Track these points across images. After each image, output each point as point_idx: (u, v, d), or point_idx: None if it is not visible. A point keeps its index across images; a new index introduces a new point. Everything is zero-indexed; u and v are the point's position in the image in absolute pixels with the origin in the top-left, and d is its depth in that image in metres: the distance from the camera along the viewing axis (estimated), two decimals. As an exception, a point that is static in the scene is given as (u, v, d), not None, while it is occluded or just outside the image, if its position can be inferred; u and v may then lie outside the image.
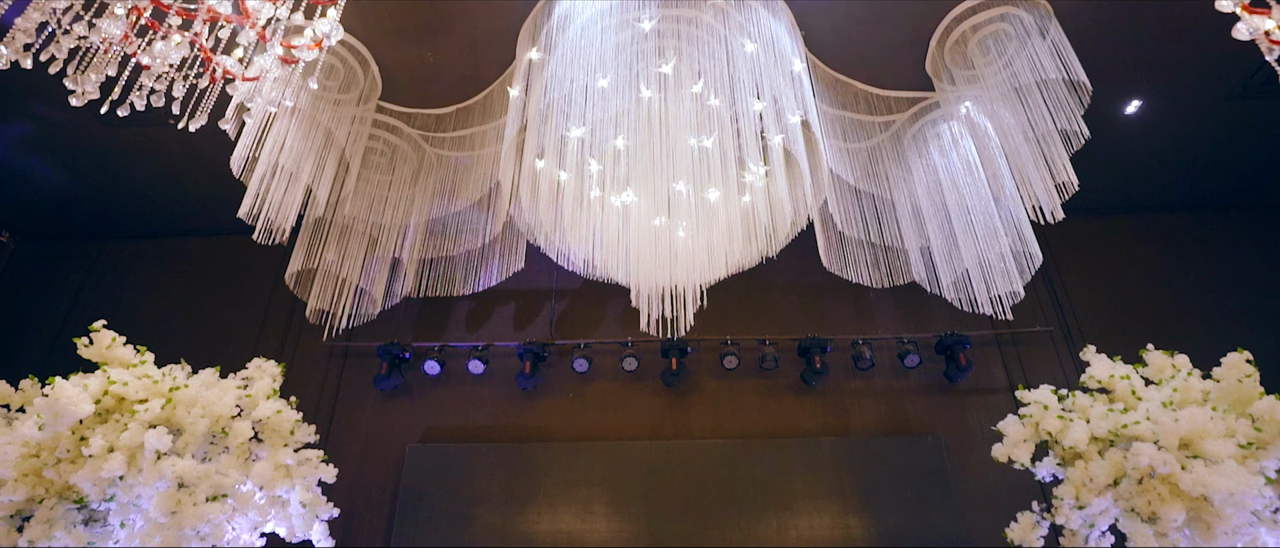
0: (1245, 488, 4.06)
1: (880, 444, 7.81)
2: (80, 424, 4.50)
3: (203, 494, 4.49)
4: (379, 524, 7.46)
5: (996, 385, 8.08)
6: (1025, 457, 5.02)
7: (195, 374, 5.17)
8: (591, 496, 7.57)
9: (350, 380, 8.31)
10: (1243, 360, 4.87)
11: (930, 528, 7.29)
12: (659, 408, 8.19)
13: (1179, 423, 4.45)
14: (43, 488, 4.41)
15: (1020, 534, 5.05)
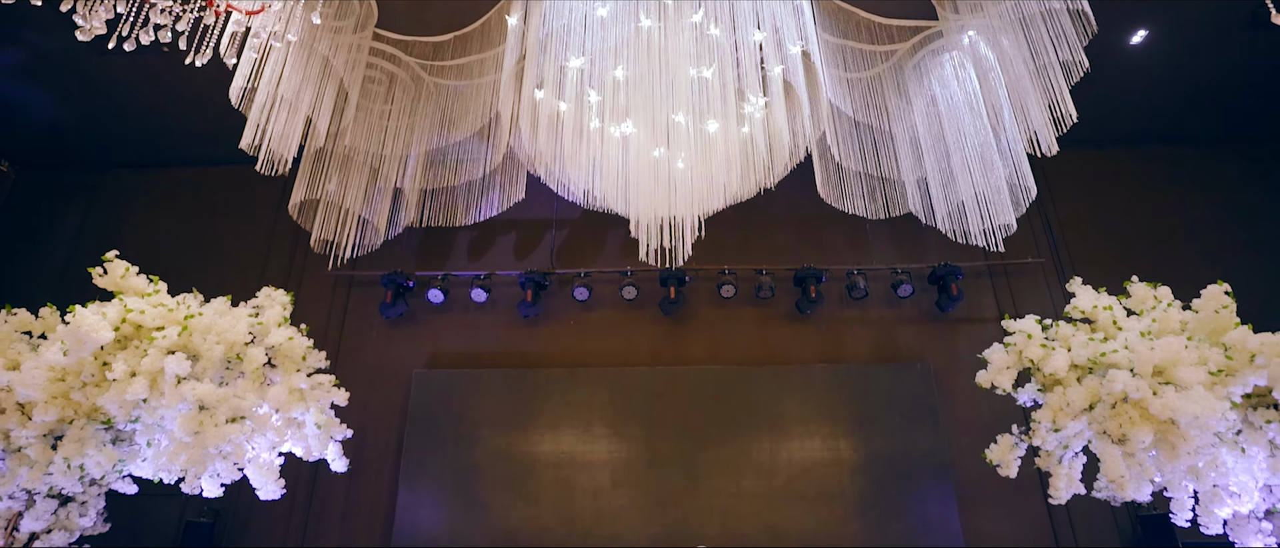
0: (1210, 412, 4.29)
1: (871, 371, 8.07)
2: (101, 350, 4.69)
3: (223, 416, 4.73)
4: (389, 446, 7.80)
5: (987, 315, 8.29)
6: (1007, 383, 5.25)
7: (207, 303, 5.33)
8: (592, 419, 7.89)
9: (356, 309, 8.51)
10: (1221, 292, 5.03)
11: (916, 451, 7.63)
12: (657, 335, 8.42)
13: (1154, 352, 4.65)
14: (71, 410, 4.64)
15: (999, 455, 5.34)
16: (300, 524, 7.49)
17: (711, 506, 7.40)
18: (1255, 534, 4.95)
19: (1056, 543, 7.34)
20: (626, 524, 7.36)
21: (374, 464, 7.67)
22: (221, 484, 4.91)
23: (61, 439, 4.72)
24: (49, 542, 4.81)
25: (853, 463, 7.61)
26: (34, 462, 4.61)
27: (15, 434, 4.58)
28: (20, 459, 4.64)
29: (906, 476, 7.52)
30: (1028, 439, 5.21)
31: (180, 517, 7.43)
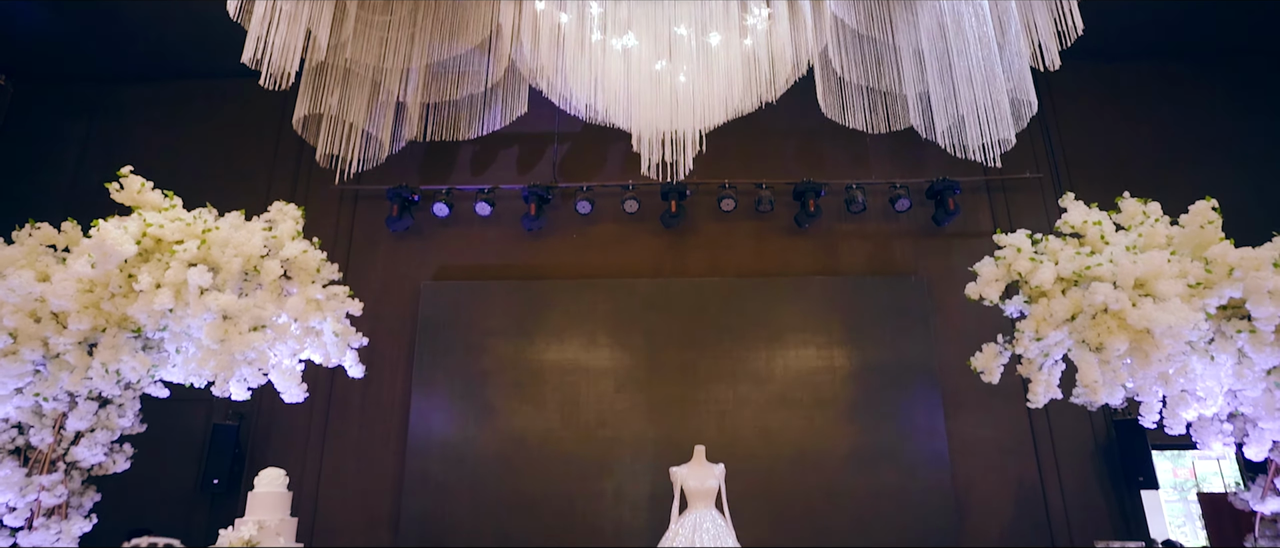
0: (1183, 322, 4.52)
1: (867, 283, 8.31)
2: (125, 263, 4.89)
3: (245, 325, 4.97)
4: (401, 354, 8.14)
5: (982, 230, 8.44)
6: (995, 295, 5.46)
7: (221, 217, 5.49)
8: (595, 329, 8.19)
9: (362, 222, 8.67)
10: (1207, 208, 5.17)
11: (906, 359, 7.96)
12: (659, 248, 8.62)
13: (1136, 265, 4.83)
14: (103, 319, 4.88)
15: (983, 363, 5.61)
16: (320, 427, 7.93)
17: (709, 410, 7.81)
18: (1217, 435, 5.29)
19: (1035, 445, 7.78)
20: (629, 427, 7.79)
21: (387, 372, 8.02)
22: (248, 388, 5.22)
23: (96, 347, 4.99)
24: (93, 440, 5.18)
25: (845, 371, 7.96)
26: (73, 367, 4.90)
27: (53, 342, 4.85)
28: (60, 365, 4.92)
29: (896, 383, 7.88)
30: (1011, 348, 5.47)
31: (207, 419, 7.87)
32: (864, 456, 7.63)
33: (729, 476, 6.30)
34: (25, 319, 4.87)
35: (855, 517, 7.42)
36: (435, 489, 7.59)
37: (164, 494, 7.55)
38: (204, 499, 7.66)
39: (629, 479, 7.57)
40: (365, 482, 7.79)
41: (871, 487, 7.52)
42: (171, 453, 7.64)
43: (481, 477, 7.62)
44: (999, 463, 7.71)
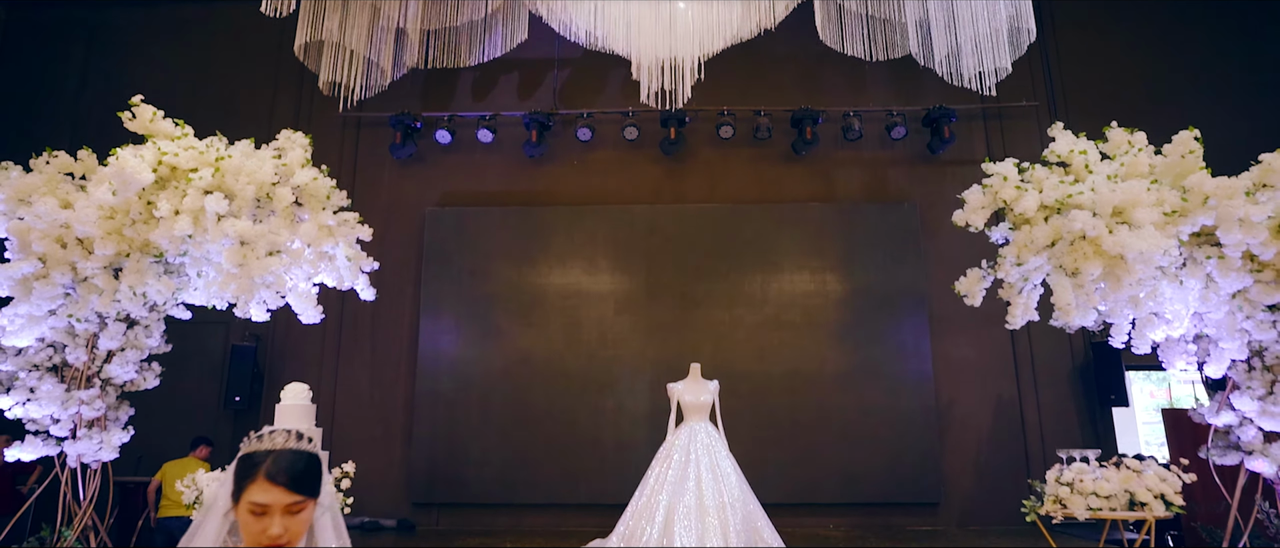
0: (1154, 248, 4.75)
1: (860, 210, 8.51)
2: (144, 191, 5.08)
3: (262, 250, 5.20)
4: (408, 278, 8.42)
5: (977, 158, 8.47)
6: (980, 221, 5.67)
7: (232, 145, 5.63)
8: (596, 254, 8.45)
9: (366, 149, 8.79)
10: (1190, 138, 5.32)
11: (896, 284, 8.25)
12: (658, 175, 8.77)
13: (1115, 194, 5.02)
14: (126, 244, 5.11)
15: (966, 286, 5.87)
16: (334, 348, 8.30)
17: (706, 332, 8.15)
18: (1181, 355, 5.61)
19: (1016, 365, 8.16)
20: (628, 348, 8.15)
21: (396, 295, 8.31)
22: (268, 310, 5.50)
23: (121, 271, 5.24)
24: (124, 358, 5.50)
25: (837, 295, 8.26)
26: (102, 290, 5.16)
27: (81, 266, 5.09)
28: (89, 288, 5.18)
29: (886, 306, 8.20)
30: (994, 273, 5.73)
31: (226, 341, 8.22)
32: (852, 375, 8.03)
33: (724, 393, 6.67)
34: (53, 245, 5.10)
35: (842, 431, 7.87)
36: (445, 406, 8.02)
37: (190, 411, 7.97)
38: (227, 415, 8.10)
39: (629, 396, 7.99)
40: (379, 399, 8.21)
41: (858, 404, 7.94)
42: (194, 373, 8.03)
43: (489, 395, 8.03)
44: (980, 382, 8.11)
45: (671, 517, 5.37)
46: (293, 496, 1.31)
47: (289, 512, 1.31)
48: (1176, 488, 4.20)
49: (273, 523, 1.29)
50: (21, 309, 5.12)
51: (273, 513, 1.30)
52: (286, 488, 1.31)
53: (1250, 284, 5.13)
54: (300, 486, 1.32)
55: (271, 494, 1.29)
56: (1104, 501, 4.16)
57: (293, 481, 1.31)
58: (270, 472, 1.31)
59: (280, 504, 1.30)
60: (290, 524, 1.31)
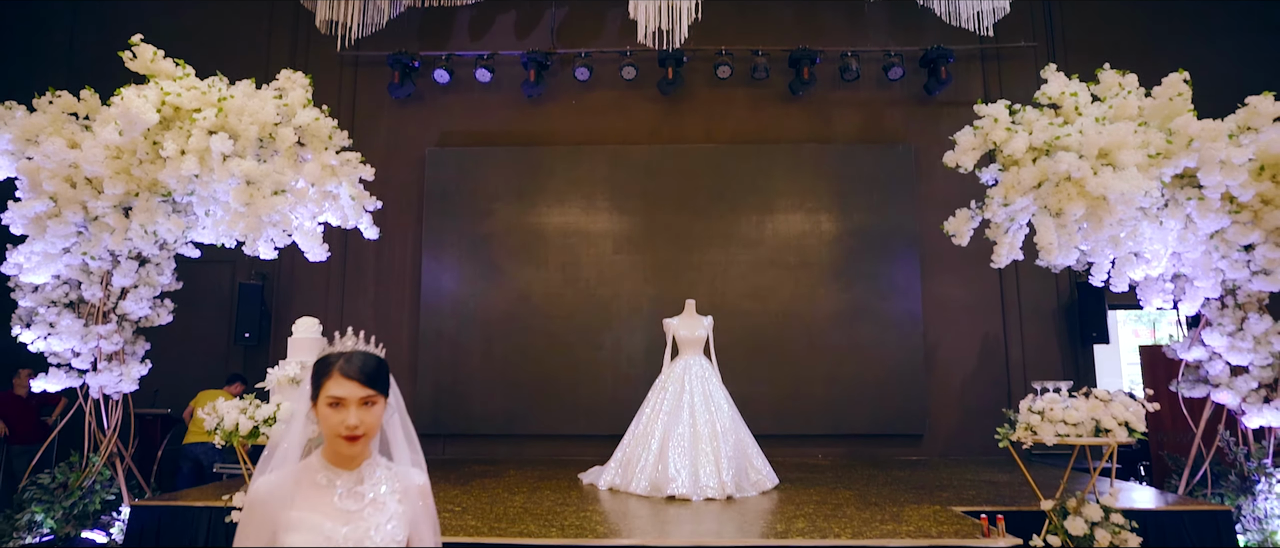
0: (1136, 189, 4.89)
1: (856, 151, 8.59)
2: (149, 131, 5.17)
3: (268, 189, 5.34)
4: (410, 218, 8.55)
5: (974, 99, 8.52)
6: (970, 162, 5.79)
7: (233, 85, 5.68)
8: (594, 193, 8.57)
9: (364, 89, 8.80)
10: (1179, 80, 5.39)
11: (890, 225, 8.40)
12: (655, 115, 8.82)
13: (1101, 136, 5.13)
14: (134, 184, 5.23)
15: (955, 226, 6.03)
16: (338, 287, 8.50)
17: (702, 271, 8.35)
18: (1159, 293, 5.83)
19: (1002, 304, 8.39)
20: (627, 285, 8.36)
21: (398, 235, 8.47)
22: (275, 248, 5.66)
23: (131, 210, 5.38)
24: (138, 295, 5.69)
25: (831, 235, 8.43)
26: (113, 228, 5.31)
27: (92, 205, 5.22)
28: (101, 226, 5.33)
29: (878, 246, 8.38)
30: (981, 213, 5.87)
31: (233, 279, 8.42)
32: (844, 313, 8.27)
33: (719, 330, 6.90)
34: (63, 184, 5.22)
35: (833, 366, 8.16)
36: (448, 343, 8.27)
37: (201, 346, 8.23)
38: (237, 351, 8.37)
39: (626, 332, 8.24)
40: (383, 336, 8.39)
41: (849, 341, 8.21)
42: (203, 310, 8.24)
43: (490, 331, 8.28)
44: (968, 320, 8.36)
45: (666, 445, 5.67)
46: (365, 389, 1.44)
47: (362, 404, 1.44)
48: (1140, 417, 4.46)
49: (349, 414, 1.43)
50: (37, 247, 5.28)
51: (348, 405, 1.43)
52: (359, 382, 1.44)
53: (1228, 225, 5.30)
54: (371, 381, 1.45)
55: (346, 388, 1.43)
56: (1072, 428, 4.43)
57: (365, 376, 1.44)
58: (345, 369, 1.44)
59: (355, 397, 1.43)
60: (364, 416, 1.44)
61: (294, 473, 1.47)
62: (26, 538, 5.11)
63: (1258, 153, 5.14)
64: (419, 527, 1.54)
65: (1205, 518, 4.92)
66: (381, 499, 1.49)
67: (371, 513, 1.46)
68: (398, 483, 1.53)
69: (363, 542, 1.43)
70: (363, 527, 1.45)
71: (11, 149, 5.30)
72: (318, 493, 1.46)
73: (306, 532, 1.41)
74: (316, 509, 1.44)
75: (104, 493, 5.47)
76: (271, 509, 1.42)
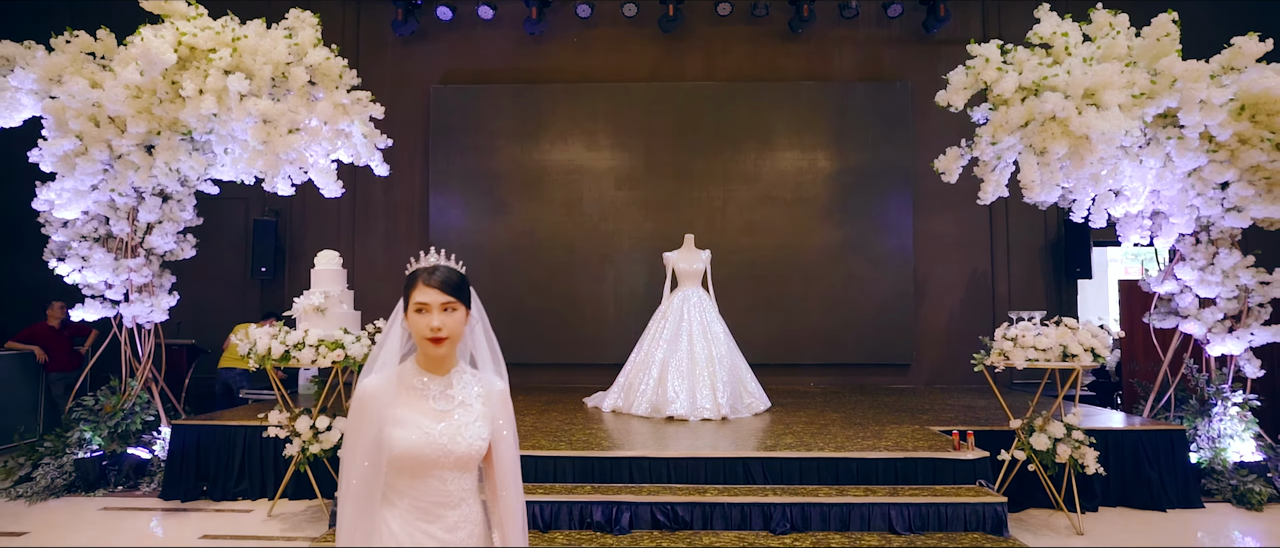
0: (1116, 129, 5.10)
1: (854, 88, 8.71)
2: (167, 71, 5.34)
3: (284, 127, 5.55)
4: (416, 155, 8.75)
5: (970, 37, 8.64)
6: (960, 102, 5.96)
7: (244, 25, 5.81)
8: (596, 130, 8.74)
9: (367, 28, 8.85)
10: (1168, 21, 5.52)
11: (885, 163, 8.61)
12: (656, 52, 8.90)
13: (1088, 76, 5.30)
14: (155, 123, 5.44)
15: (945, 164, 6.25)
16: (349, 223, 8.77)
17: (700, 207, 8.60)
18: (1136, 229, 6.11)
19: (991, 240, 8.67)
20: (627, 221, 8.63)
21: (405, 171, 8.68)
22: (292, 184, 5.91)
23: (153, 148, 5.61)
24: (163, 230, 5.97)
25: (827, 172, 8.64)
26: (138, 166, 5.55)
27: (116, 143, 5.44)
28: (126, 164, 5.56)
29: (873, 183, 8.60)
30: (971, 151, 6.09)
31: (247, 215, 8.68)
32: (838, 247, 8.57)
33: (716, 264, 7.22)
34: (87, 123, 5.43)
35: (826, 298, 8.51)
36: (457, 276, 8.59)
37: (220, 279, 8.56)
38: (254, 284, 8.70)
39: (628, 265, 8.56)
40: (394, 270, 8.77)
41: (842, 274, 8.53)
42: (220, 245, 8.53)
43: (497, 265, 8.60)
44: (957, 256, 8.66)
45: (665, 371, 6.06)
46: (445, 296, 1.60)
47: (443, 310, 1.61)
48: (1105, 344, 4.80)
49: (433, 318, 1.59)
50: (67, 184, 5.53)
51: (431, 310, 1.60)
52: (440, 290, 1.60)
53: (1205, 163, 5.53)
54: (450, 290, 1.62)
55: (429, 295, 1.60)
56: (1041, 353, 4.77)
57: (445, 285, 1.61)
58: (427, 279, 1.62)
59: (436, 303, 1.60)
60: (446, 320, 1.61)
61: (393, 377, 1.64)
62: (78, 454, 5.55)
63: (1239, 92, 5.33)
64: (499, 427, 1.71)
65: (1161, 437, 5.34)
66: (469, 401, 1.67)
67: (460, 413, 1.65)
68: (482, 388, 1.71)
69: (454, 438, 1.62)
70: (453, 425, 1.63)
71: (36, 89, 5.48)
72: (414, 395, 1.64)
73: (407, 427, 1.60)
74: (414, 408, 1.63)
75: (143, 414, 5.89)
76: (378, 406, 1.60)
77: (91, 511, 5.06)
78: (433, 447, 1.59)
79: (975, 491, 4.26)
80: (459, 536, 1.65)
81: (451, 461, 1.61)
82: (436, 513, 1.63)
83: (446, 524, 1.63)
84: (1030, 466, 4.85)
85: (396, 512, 1.62)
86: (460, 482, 1.65)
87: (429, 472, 1.61)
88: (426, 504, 1.62)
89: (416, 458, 1.59)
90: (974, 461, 4.45)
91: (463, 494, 1.66)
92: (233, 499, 5.30)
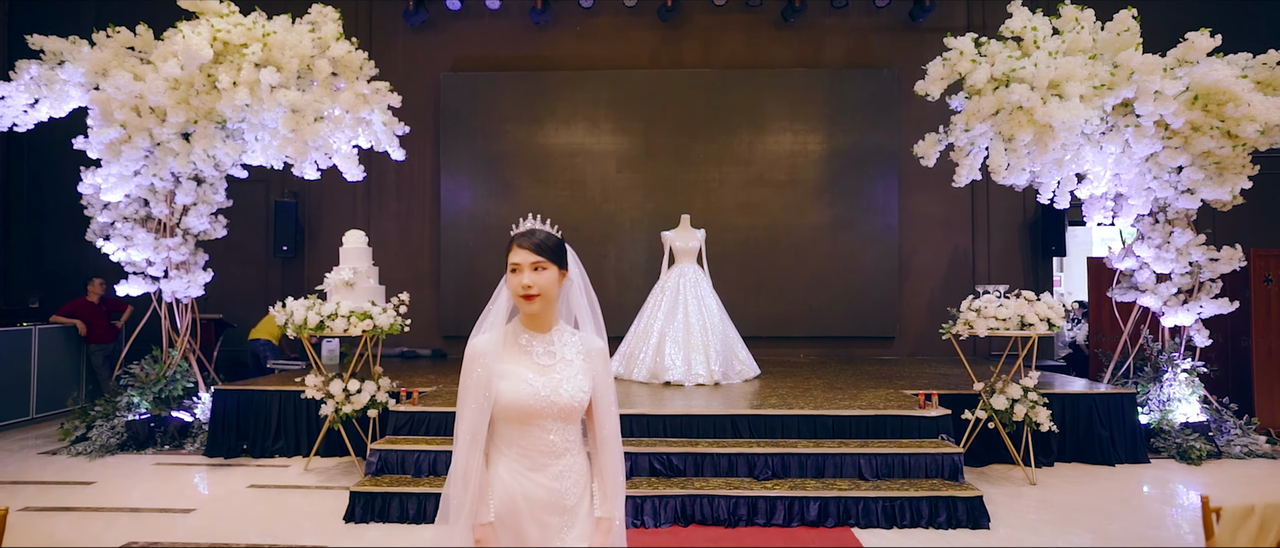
0: (1076, 118, 5.55)
1: (844, 75, 9.15)
2: (203, 65, 5.80)
3: (310, 116, 6.01)
4: (428, 140, 9.20)
5: (956, 26, 9.07)
6: (937, 91, 6.42)
7: (271, 20, 6.25)
8: (598, 115, 9.19)
9: (380, 17, 9.26)
10: (1128, 17, 5.96)
11: (872, 145, 9.07)
12: (655, 41, 9.31)
13: (1052, 69, 5.76)
14: (193, 113, 5.90)
15: (924, 148, 6.72)
16: (365, 204, 9.25)
17: (698, 188, 9.08)
18: (1100, 210, 6.59)
19: (972, 220, 9.16)
20: (629, 201, 9.11)
21: (417, 156, 9.12)
22: (318, 169, 6.39)
23: (189, 136, 6.07)
24: (198, 212, 6.45)
25: (817, 154, 9.10)
26: (176, 152, 6.02)
27: (156, 132, 5.91)
28: (165, 151, 6.03)
29: (861, 166, 9.07)
30: (947, 137, 6.56)
31: (268, 197, 9.16)
32: (827, 227, 9.05)
33: (711, 242, 7.70)
34: (130, 114, 5.90)
35: (815, 275, 9.01)
36: (467, 254, 9.11)
37: (244, 258, 9.06)
38: (276, 262, 9.21)
39: (628, 244, 9.06)
40: (408, 248, 9.28)
41: (831, 252, 9.03)
42: (243, 226, 9.00)
43: (504, 243, 9.05)
44: (940, 234, 9.15)
45: (663, 340, 6.59)
46: (535, 256, 1.69)
47: (534, 269, 1.70)
48: (1060, 314, 5.30)
49: (523, 276, 1.69)
50: (113, 169, 6.01)
51: (522, 269, 1.70)
52: (530, 250, 1.69)
53: (1160, 149, 6.00)
54: (540, 250, 1.70)
55: (520, 255, 1.70)
56: (1001, 322, 5.28)
57: (535, 246, 1.70)
58: (520, 241, 1.73)
59: (527, 262, 1.69)
60: (536, 279, 1.69)
61: (500, 336, 1.76)
62: (128, 416, 6.09)
63: (1192, 83, 5.78)
64: (599, 382, 1.79)
65: (1114, 400, 5.87)
66: (570, 358, 1.77)
67: (562, 368, 1.75)
68: (582, 346, 1.80)
69: (555, 390, 1.72)
70: (555, 379, 1.73)
71: (83, 82, 5.94)
72: (519, 351, 1.76)
73: (512, 380, 1.71)
74: (519, 363, 1.74)
75: (183, 381, 6.42)
76: (488, 360, 1.72)
77: (146, 465, 5.61)
78: (535, 398, 1.70)
79: (936, 443, 4.79)
80: (563, 485, 1.74)
81: (554, 411, 1.71)
82: (541, 463, 1.73)
83: (551, 473, 1.73)
84: (990, 424, 5.39)
85: (505, 460, 1.74)
86: (564, 433, 1.75)
87: (533, 422, 1.72)
88: (532, 454, 1.73)
89: (521, 408, 1.70)
90: (937, 417, 4.98)
91: (566, 445, 1.75)
92: (270, 457, 5.85)
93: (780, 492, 4.35)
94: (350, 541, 4.10)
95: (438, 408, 5.10)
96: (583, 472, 1.78)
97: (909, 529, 4.25)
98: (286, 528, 4.25)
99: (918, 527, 4.26)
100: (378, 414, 5.30)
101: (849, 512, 4.31)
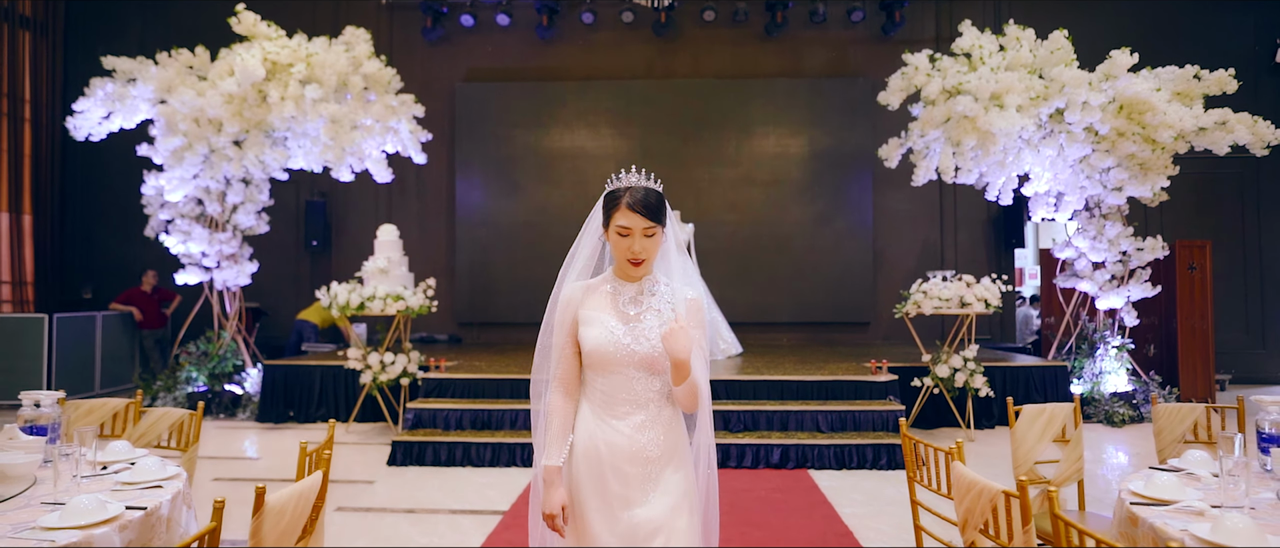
0: (1013, 126, 6.40)
1: (822, 84, 10.00)
2: (256, 83, 6.68)
3: (347, 126, 6.89)
4: (443, 144, 10.07)
5: (925, 38, 9.92)
6: (896, 102, 7.28)
7: (311, 41, 7.13)
8: (599, 121, 10.06)
9: (400, 33, 10.15)
10: (1061, 37, 6.81)
11: (848, 148, 9.92)
12: (651, 53, 10.18)
13: (994, 83, 6.61)
14: (245, 124, 6.79)
15: (887, 152, 7.59)
16: (386, 204, 10.14)
17: (690, 187, 9.94)
18: (1043, 206, 7.44)
19: (941, 215, 10.00)
20: (626, 201, 9.96)
21: (434, 159, 9.97)
22: (352, 172, 7.27)
23: (240, 144, 6.96)
24: (246, 210, 7.34)
25: (799, 157, 9.97)
26: (230, 158, 6.91)
27: (213, 140, 6.80)
28: (220, 157, 6.91)
29: (839, 166, 9.93)
30: (907, 141, 7.42)
31: (298, 196, 10.05)
32: (808, 222, 9.91)
33: (701, 236, 8.56)
34: (191, 125, 6.79)
35: (796, 267, 9.87)
36: (481, 248, 9.99)
37: (277, 251, 9.93)
38: (306, 256, 10.10)
39: (627, 240, 9.90)
40: (427, 243, 10.17)
41: (812, 245, 9.89)
42: (278, 222, 9.86)
43: (514, 238, 9.97)
44: (911, 229, 10.00)
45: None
46: (647, 221, 1.60)
47: (645, 235, 1.62)
48: (997, 295, 6.14)
49: (634, 242, 1.60)
50: (175, 173, 6.91)
51: (633, 234, 1.60)
52: (642, 214, 1.59)
53: (1090, 152, 6.85)
54: (652, 214, 1.61)
55: (632, 219, 1.59)
56: (944, 301, 6.12)
57: (647, 209, 1.60)
58: (630, 203, 1.61)
59: (639, 227, 1.60)
60: (646, 245, 1.62)
61: (587, 284, 1.73)
62: (188, 389, 6.99)
63: (1116, 94, 6.63)
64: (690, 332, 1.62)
65: (1049, 372, 6.72)
66: (658, 308, 1.68)
67: (648, 318, 1.67)
68: (671, 296, 1.71)
69: (637, 339, 1.65)
70: (640, 328, 1.66)
71: (150, 97, 6.84)
72: (606, 299, 1.71)
73: (595, 327, 1.67)
74: (604, 310, 1.69)
75: (234, 359, 7.31)
76: (573, 307, 1.70)
77: (208, 429, 6.49)
78: (616, 346, 1.64)
79: (884, 403, 5.66)
80: (645, 437, 1.65)
81: (635, 360, 1.65)
82: (623, 411, 1.67)
83: (633, 423, 1.66)
84: (936, 390, 6.25)
85: (590, 405, 1.71)
86: (648, 383, 1.67)
87: (614, 369, 1.66)
88: (614, 401, 1.67)
89: (602, 355, 1.65)
90: (886, 383, 5.84)
91: (650, 396, 1.67)
92: (314, 422, 6.74)
93: (749, 441, 5.21)
94: (394, 478, 4.99)
95: (461, 375, 5.97)
96: (669, 425, 1.70)
97: (856, 470, 5.11)
98: (340, 470, 5.13)
99: (862, 469, 5.13)
100: (408, 384, 6.18)
101: (806, 457, 5.18)
